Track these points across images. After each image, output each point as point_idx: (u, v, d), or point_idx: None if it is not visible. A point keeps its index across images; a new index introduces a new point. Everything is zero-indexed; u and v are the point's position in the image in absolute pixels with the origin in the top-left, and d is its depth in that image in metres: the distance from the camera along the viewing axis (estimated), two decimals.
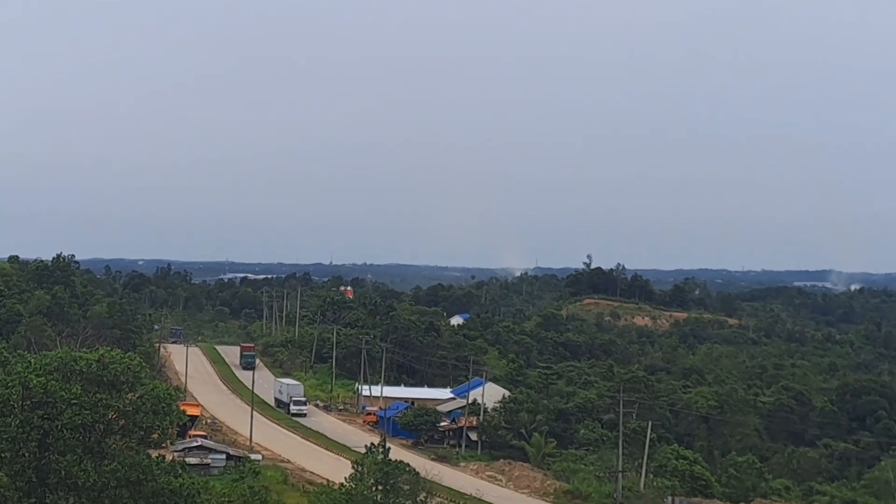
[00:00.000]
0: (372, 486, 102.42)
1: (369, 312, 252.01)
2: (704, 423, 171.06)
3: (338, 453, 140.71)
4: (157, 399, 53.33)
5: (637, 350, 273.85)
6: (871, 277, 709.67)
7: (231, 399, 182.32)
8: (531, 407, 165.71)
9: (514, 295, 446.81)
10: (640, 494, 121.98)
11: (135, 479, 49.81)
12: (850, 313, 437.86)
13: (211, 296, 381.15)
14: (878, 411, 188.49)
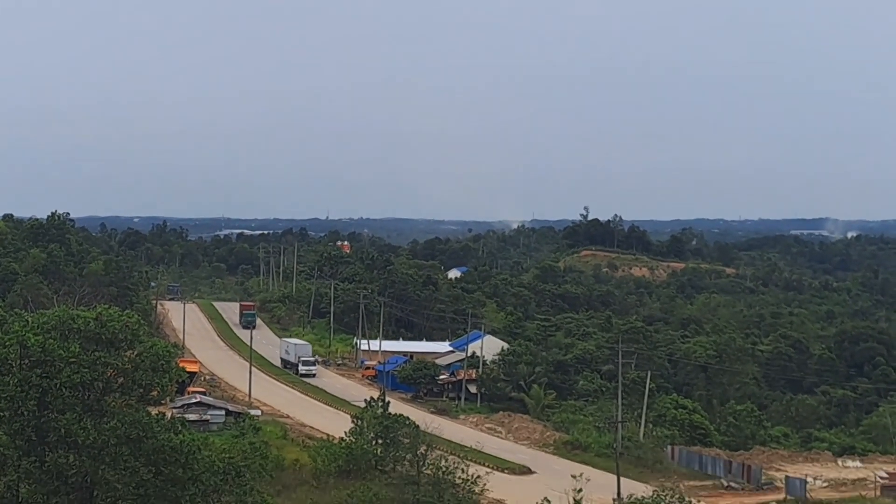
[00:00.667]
0: (372, 440, 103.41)
1: (366, 267, 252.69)
2: (703, 372, 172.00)
3: (337, 408, 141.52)
4: (156, 356, 53.32)
5: (635, 301, 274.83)
6: (867, 225, 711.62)
7: (229, 355, 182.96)
8: (530, 359, 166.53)
9: (511, 247, 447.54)
10: (640, 444, 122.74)
11: (135, 437, 49.76)
12: (847, 261, 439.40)
13: (207, 252, 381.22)
14: (875, 358, 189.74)
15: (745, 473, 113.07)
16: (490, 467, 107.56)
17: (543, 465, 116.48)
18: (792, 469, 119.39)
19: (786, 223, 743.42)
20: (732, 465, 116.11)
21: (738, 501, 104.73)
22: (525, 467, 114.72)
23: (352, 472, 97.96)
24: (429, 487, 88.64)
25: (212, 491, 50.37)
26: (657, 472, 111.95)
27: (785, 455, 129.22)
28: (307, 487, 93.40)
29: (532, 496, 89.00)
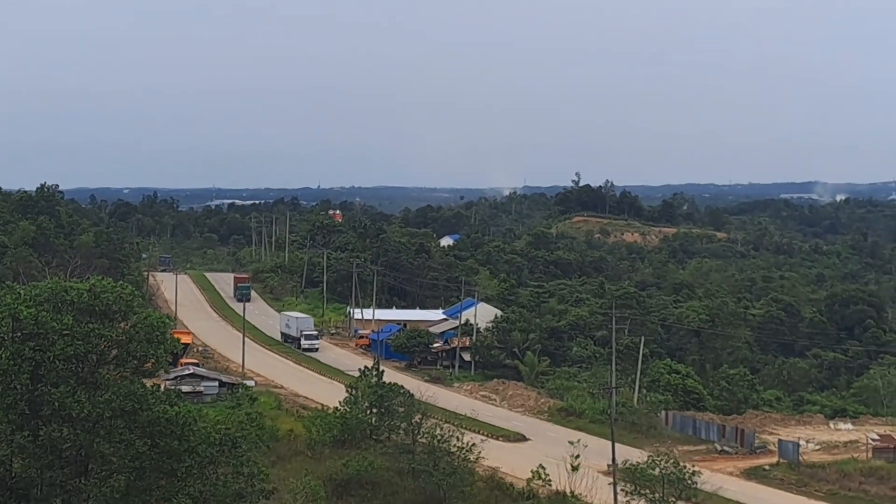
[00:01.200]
0: (366, 410, 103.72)
1: (359, 236, 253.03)
2: (696, 337, 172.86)
3: (331, 377, 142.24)
4: (150, 328, 53.00)
5: (627, 266, 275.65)
6: (855, 188, 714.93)
7: (222, 326, 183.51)
8: (523, 326, 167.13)
9: (503, 214, 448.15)
10: (634, 410, 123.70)
11: (130, 409, 49.61)
12: (836, 224, 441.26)
13: (199, 223, 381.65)
14: (865, 320, 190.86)
15: (739, 437, 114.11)
16: (485, 435, 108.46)
17: (538, 432, 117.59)
18: (785, 432, 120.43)
19: (775, 187, 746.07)
20: (726, 429, 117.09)
21: (732, 465, 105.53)
22: (520, 434, 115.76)
23: (346, 442, 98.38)
24: (424, 456, 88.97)
25: (208, 462, 50.27)
26: (651, 437, 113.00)
27: (777, 418, 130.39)
28: (302, 457, 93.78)
29: (527, 463, 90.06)
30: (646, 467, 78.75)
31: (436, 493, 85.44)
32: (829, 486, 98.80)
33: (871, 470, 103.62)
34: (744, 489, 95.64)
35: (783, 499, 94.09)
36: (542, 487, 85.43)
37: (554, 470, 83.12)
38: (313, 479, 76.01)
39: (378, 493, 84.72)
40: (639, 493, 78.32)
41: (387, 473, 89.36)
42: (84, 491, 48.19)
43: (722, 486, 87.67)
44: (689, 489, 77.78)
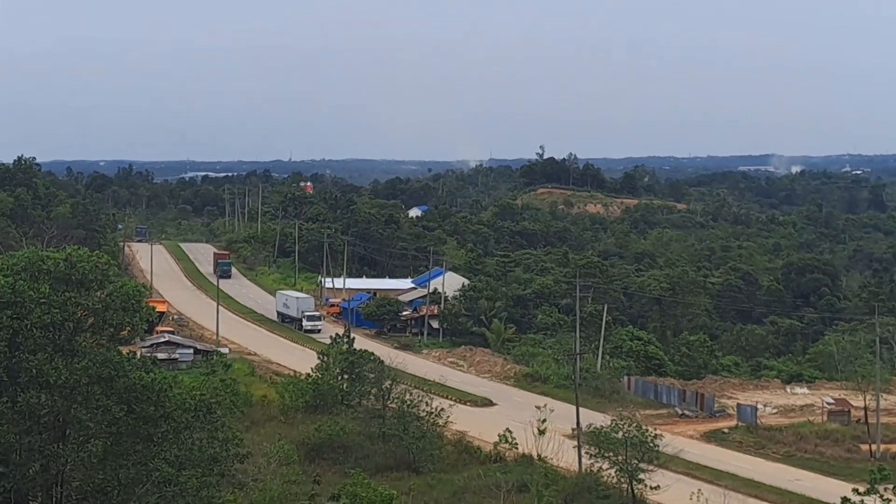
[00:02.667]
0: (338, 376, 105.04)
1: (330, 207, 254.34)
2: (657, 304, 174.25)
3: (303, 345, 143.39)
4: (126, 296, 52.09)
5: (590, 237, 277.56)
6: (811, 160, 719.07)
7: (196, 295, 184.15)
8: (490, 294, 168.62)
9: (470, 186, 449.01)
10: (597, 375, 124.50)
11: (106, 376, 48.75)
12: (792, 195, 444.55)
13: (173, 195, 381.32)
14: (820, 288, 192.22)
15: (699, 401, 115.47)
16: (453, 400, 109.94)
17: (504, 397, 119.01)
18: (743, 396, 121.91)
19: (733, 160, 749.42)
20: (686, 393, 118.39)
21: (692, 428, 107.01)
22: (487, 399, 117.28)
23: (318, 408, 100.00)
24: (394, 420, 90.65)
25: (183, 427, 49.99)
26: (614, 401, 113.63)
27: (736, 383, 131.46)
28: (275, 423, 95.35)
29: (494, 427, 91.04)
30: (609, 431, 79.92)
31: (405, 457, 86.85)
32: (785, 448, 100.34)
33: (826, 432, 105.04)
34: (704, 451, 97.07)
35: (742, 461, 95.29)
36: (509, 451, 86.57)
37: (520, 434, 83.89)
38: (286, 444, 77.20)
39: (349, 457, 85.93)
40: (602, 456, 79.56)
41: (358, 438, 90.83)
42: (62, 456, 47.91)
43: (683, 449, 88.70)
44: (652, 452, 79.03)
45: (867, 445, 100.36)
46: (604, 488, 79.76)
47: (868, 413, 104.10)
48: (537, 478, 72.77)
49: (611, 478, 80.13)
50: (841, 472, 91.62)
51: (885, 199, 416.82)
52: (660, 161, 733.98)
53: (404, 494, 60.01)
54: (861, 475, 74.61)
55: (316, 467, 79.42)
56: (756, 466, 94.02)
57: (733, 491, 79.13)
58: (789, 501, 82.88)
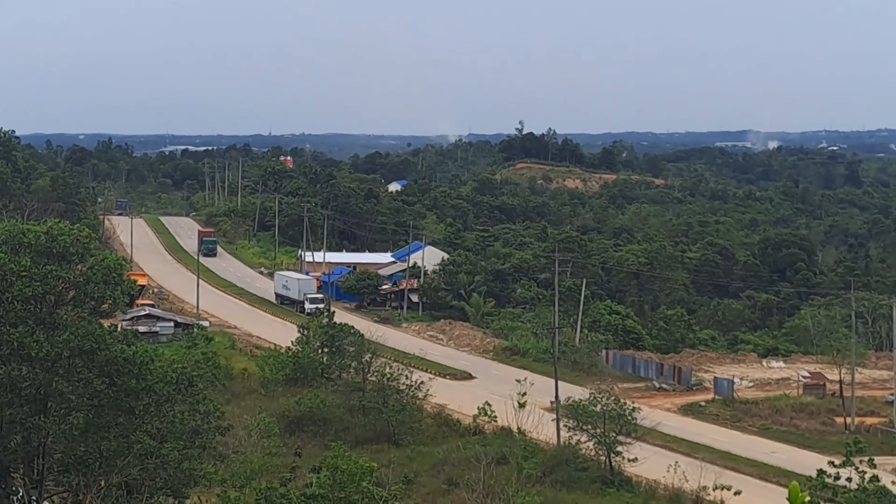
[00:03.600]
0: (318, 349, 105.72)
1: (309, 181, 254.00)
2: (635, 279, 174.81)
3: (283, 318, 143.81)
4: (107, 269, 51.29)
5: (569, 211, 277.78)
6: (787, 136, 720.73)
7: (177, 268, 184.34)
8: (469, 268, 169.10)
9: (449, 161, 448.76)
10: (576, 349, 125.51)
11: (88, 349, 48.01)
12: (769, 171, 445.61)
13: (153, 168, 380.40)
14: (797, 263, 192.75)
15: (676, 375, 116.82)
16: (432, 373, 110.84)
17: (483, 370, 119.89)
18: (720, 370, 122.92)
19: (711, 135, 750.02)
20: (664, 367, 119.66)
21: (670, 402, 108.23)
22: (466, 373, 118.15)
23: (299, 381, 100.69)
24: (374, 394, 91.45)
25: (165, 400, 49.58)
26: (593, 375, 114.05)
27: (713, 357, 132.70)
28: (256, 395, 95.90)
29: (473, 400, 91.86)
30: (588, 404, 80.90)
31: (385, 430, 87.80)
32: (761, 421, 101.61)
33: (801, 405, 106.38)
34: (681, 424, 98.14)
35: (718, 433, 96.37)
36: (488, 423, 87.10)
37: (499, 407, 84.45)
38: (267, 416, 77.55)
39: (329, 430, 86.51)
40: (581, 429, 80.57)
41: (338, 411, 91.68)
42: (43, 428, 47.62)
43: (660, 422, 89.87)
44: (629, 425, 79.94)
45: (842, 418, 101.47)
46: (582, 461, 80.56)
47: (843, 386, 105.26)
48: (516, 450, 73.39)
49: (589, 450, 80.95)
50: (816, 445, 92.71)
51: (860, 174, 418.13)
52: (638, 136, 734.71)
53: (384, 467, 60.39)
54: (836, 448, 75.57)
55: (296, 440, 79.89)
56: (732, 439, 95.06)
57: (710, 463, 79.89)
58: (765, 474, 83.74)
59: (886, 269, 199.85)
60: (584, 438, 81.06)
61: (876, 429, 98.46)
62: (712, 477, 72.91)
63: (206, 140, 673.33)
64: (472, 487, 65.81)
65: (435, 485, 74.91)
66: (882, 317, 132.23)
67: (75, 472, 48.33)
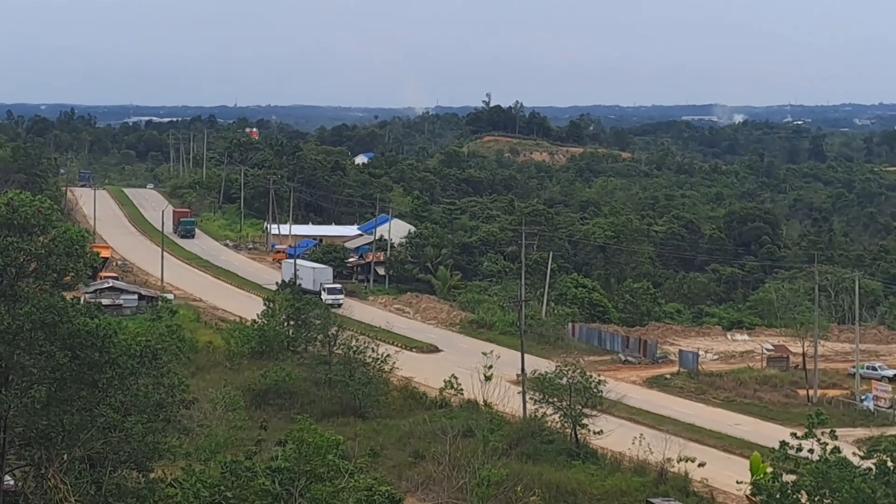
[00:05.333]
0: (284, 322, 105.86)
1: (275, 153, 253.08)
2: (601, 252, 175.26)
3: (249, 291, 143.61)
4: (69, 241, 50.59)
5: (536, 185, 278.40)
6: (753, 110, 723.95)
7: (141, 241, 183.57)
8: (436, 241, 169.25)
9: (416, 134, 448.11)
10: (542, 322, 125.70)
11: (50, 322, 47.59)
12: (734, 145, 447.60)
13: (116, 139, 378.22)
14: (761, 237, 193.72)
15: (642, 348, 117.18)
16: (399, 346, 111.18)
17: (450, 343, 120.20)
18: (685, 343, 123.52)
19: (677, 109, 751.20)
20: (629, 340, 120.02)
21: (635, 374, 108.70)
22: (433, 346, 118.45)
23: (264, 354, 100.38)
24: (340, 367, 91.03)
25: (128, 373, 49.26)
26: (559, 348, 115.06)
27: (678, 330, 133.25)
28: (221, 368, 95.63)
29: (440, 373, 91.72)
30: (554, 377, 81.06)
31: (352, 403, 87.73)
32: (726, 393, 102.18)
33: (765, 378, 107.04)
34: (646, 397, 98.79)
35: (683, 406, 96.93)
36: (455, 396, 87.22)
37: (466, 380, 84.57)
38: (232, 390, 77.27)
39: (295, 403, 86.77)
40: (547, 402, 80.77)
41: (304, 384, 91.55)
42: (5, 402, 47.15)
43: (626, 395, 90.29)
44: (595, 397, 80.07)
45: (805, 391, 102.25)
46: (548, 433, 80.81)
47: (806, 359, 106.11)
48: (482, 423, 73.50)
49: (555, 423, 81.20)
50: (779, 417, 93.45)
51: (825, 149, 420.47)
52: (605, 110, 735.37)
53: (350, 440, 60.42)
54: (799, 420, 76.17)
55: (262, 413, 79.75)
56: (697, 411, 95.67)
57: (674, 435, 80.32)
58: (729, 446, 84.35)
59: (849, 243, 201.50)
60: (549, 411, 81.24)
61: (838, 401, 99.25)
62: (677, 449, 73.27)
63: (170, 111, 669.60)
64: (438, 460, 65.99)
65: (401, 457, 75.02)
66: (845, 290, 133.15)
67: (37, 445, 47.98)
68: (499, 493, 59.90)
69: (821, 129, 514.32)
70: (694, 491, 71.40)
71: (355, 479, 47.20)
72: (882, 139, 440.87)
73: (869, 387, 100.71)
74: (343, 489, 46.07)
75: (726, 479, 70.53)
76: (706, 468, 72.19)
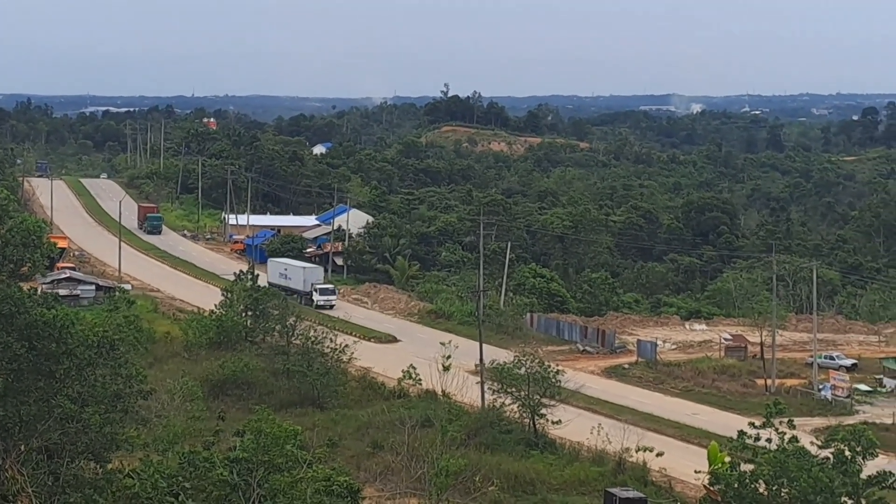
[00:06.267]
0: (242, 312, 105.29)
1: (233, 143, 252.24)
2: (560, 242, 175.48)
3: (207, 281, 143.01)
4: (26, 232, 52.35)
5: (494, 175, 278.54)
6: (711, 100, 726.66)
7: (98, 231, 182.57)
8: (394, 232, 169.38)
9: (374, 124, 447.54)
10: (501, 312, 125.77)
11: (6, 312, 47.08)
12: (692, 135, 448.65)
13: (73, 129, 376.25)
14: (719, 226, 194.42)
15: (600, 338, 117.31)
16: (357, 336, 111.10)
17: (408, 333, 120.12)
18: (643, 333, 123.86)
19: (635, 99, 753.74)
20: (588, 330, 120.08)
21: (594, 364, 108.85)
22: (391, 336, 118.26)
23: (222, 344, 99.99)
24: (298, 357, 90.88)
25: (86, 364, 48.67)
26: (517, 338, 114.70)
27: (636, 320, 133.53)
28: (179, 359, 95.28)
29: (398, 363, 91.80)
30: (512, 367, 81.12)
31: (310, 393, 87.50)
32: (684, 383, 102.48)
33: (723, 368, 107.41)
34: (605, 387, 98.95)
35: (641, 395, 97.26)
36: (413, 387, 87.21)
37: (424, 370, 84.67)
38: (190, 380, 77.22)
39: (254, 393, 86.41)
40: (505, 392, 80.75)
41: (262, 374, 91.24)
42: None
43: (584, 384, 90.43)
44: (553, 387, 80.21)
45: (763, 380, 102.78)
46: (506, 423, 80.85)
47: (764, 349, 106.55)
48: (441, 413, 73.62)
49: (513, 413, 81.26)
50: (737, 406, 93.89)
51: (782, 139, 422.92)
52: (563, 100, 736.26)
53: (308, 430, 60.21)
54: (756, 409, 76.47)
55: (220, 403, 79.28)
56: (655, 401, 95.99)
57: (633, 425, 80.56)
58: (687, 435, 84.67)
59: (807, 233, 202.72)
60: (508, 401, 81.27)
61: (796, 390, 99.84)
62: (635, 438, 73.46)
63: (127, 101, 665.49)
64: (396, 450, 65.98)
65: (359, 448, 74.91)
66: (803, 280, 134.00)
67: None
68: (457, 483, 59.83)
69: (778, 118, 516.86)
70: (652, 480, 71.63)
71: (313, 469, 47.09)
72: (839, 129, 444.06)
73: (826, 376, 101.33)
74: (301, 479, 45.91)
75: (684, 468, 70.69)
76: (664, 458, 72.54)
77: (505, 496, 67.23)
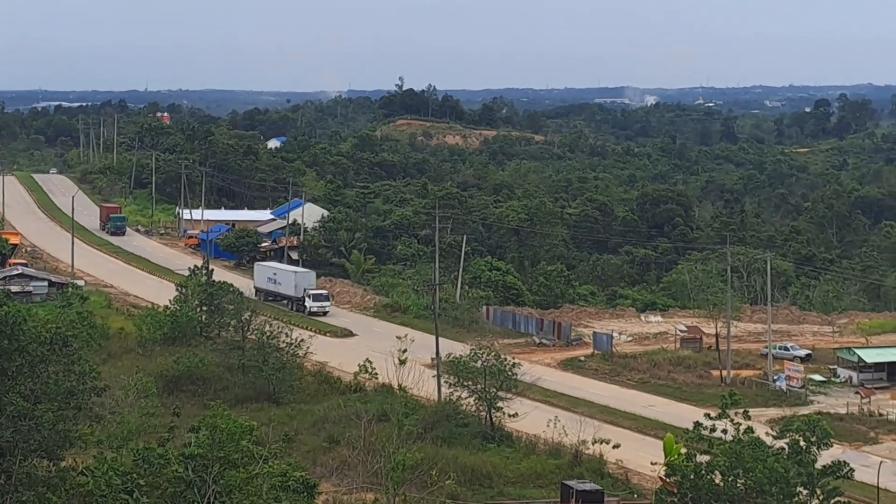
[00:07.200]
0: (196, 308, 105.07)
1: (187, 138, 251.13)
2: (515, 235, 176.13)
3: (161, 276, 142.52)
4: None
5: (449, 168, 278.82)
6: (665, 93, 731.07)
7: (51, 227, 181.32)
8: (350, 225, 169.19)
9: (329, 118, 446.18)
10: (457, 305, 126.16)
11: None
12: (647, 127, 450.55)
13: (25, 125, 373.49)
14: (674, 218, 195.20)
15: (556, 330, 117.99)
16: (313, 331, 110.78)
17: (364, 327, 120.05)
18: (599, 325, 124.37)
19: (590, 92, 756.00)
20: (544, 322, 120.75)
21: (550, 357, 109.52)
22: (347, 330, 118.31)
23: (177, 340, 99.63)
24: (253, 352, 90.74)
25: (38, 361, 48.79)
26: (473, 331, 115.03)
27: (592, 312, 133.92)
28: (133, 355, 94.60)
29: (354, 357, 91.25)
30: (468, 360, 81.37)
31: (265, 388, 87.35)
32: (640, 374, 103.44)
33: (678, 359, 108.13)
34: (561, 379, 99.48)
35: (598, 388, 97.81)
36: (369, 381, 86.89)
37: (380, 364, 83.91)
38: (144, 376, 75.84)
39: (209, 389, 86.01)
40: (462, 385, 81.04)
41: (217, 369, 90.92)
42: None
43: (541, 377, 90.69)
44: (510, 380, 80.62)
45: (718, 371, 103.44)
46: (463, 416, 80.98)
47: (719, 340, 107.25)
48: (397, 407, 73.11)
49: (470, 406, 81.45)
50: (693, 398, 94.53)
51: (736, 131, 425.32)
52: (517, 93, 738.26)
53: (264, 425, 60.01)
54: (712, 400, 76.83)
55: (175, 399, 78.92)
56: (611, 393, 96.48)
57: (589, 417, 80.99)
58: (643, 427, 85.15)
59: (761, 224, 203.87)
60: (464, 394, 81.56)
61: (751, 381, 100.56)
62: (591, 431, 73.73)
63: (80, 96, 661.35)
64: (352, 445, 65.90)
65: (315, 442, 74.84)
66: (757, 271, 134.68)
67: None
68: (414, 477, 59.86)
69: (732, 111, 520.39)
70: (609, 472, 71.99)
71: (269, 464, 47.03)
72: (792, 121, 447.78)
73: (781, 367, 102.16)
74: (257, 475, 45.81)
75: (641, 460, 71.08)
76: (621, 450, 72.85)
77: (461, 490, 67.36)
